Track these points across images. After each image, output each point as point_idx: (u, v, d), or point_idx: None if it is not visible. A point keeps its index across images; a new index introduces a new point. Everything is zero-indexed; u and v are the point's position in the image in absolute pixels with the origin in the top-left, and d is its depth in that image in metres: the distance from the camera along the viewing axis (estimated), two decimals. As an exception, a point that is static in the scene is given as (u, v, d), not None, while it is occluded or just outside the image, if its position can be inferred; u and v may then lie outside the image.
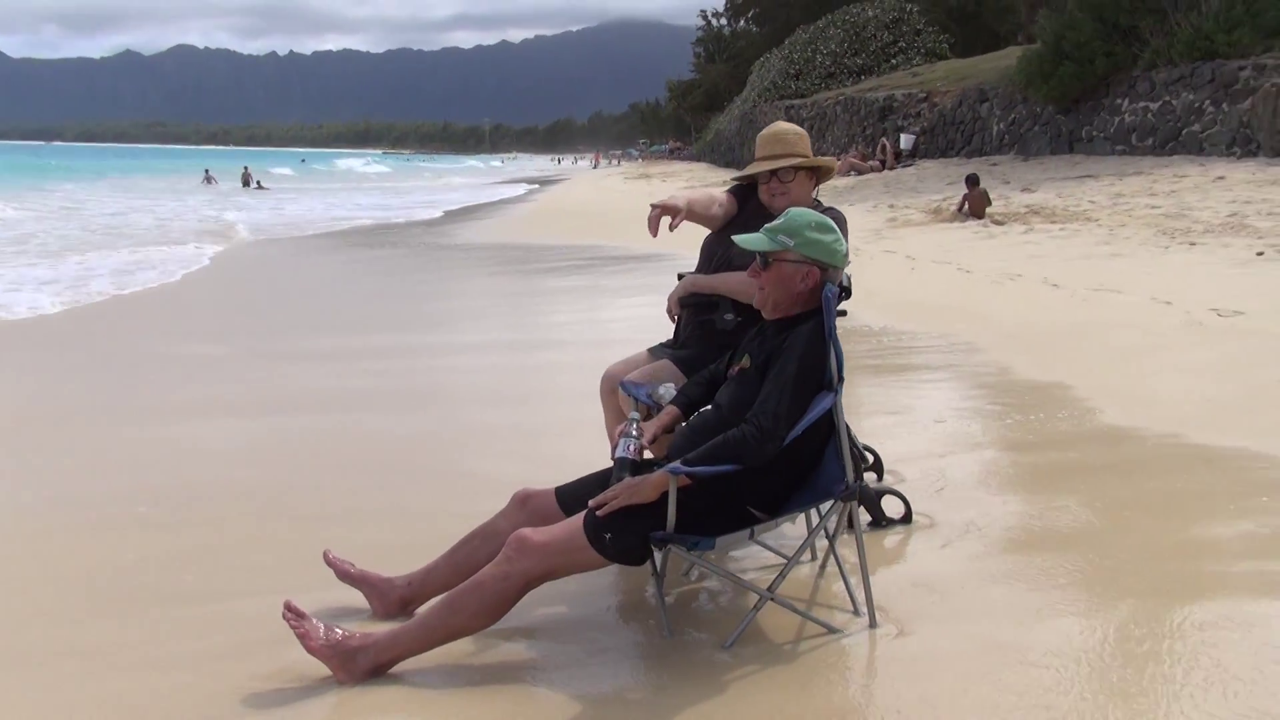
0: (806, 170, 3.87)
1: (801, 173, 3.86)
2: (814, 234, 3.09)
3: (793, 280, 3.08)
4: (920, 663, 2.94)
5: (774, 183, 3.84)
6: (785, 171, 3.82)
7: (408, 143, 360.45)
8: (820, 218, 3.17)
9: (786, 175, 3.82)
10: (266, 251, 17.20)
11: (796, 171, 3.84)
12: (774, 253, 3.08)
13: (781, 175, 3.82)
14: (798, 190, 3.85)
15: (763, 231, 3.15)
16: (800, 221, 3.11)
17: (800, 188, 3.86)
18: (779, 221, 3.15)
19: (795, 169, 3.83)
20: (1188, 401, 5.34)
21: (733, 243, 3.78)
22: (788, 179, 3.82)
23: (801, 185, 3.86)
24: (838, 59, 43.37)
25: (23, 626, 3.38)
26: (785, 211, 3.21)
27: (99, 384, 7.10)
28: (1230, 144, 18.47)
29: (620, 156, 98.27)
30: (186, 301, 11.47)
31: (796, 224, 3.11)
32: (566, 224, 21.42)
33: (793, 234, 3.08)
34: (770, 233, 3.12)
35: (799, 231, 3.08)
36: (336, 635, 2.94)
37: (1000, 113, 25.68)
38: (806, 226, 3.10)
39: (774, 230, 3.12)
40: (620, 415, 3.85)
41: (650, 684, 2.91)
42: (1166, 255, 10.28)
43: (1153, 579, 3.41)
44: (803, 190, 3.88)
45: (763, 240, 3.11)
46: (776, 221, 3.16)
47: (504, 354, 8.18)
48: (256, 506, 4.51)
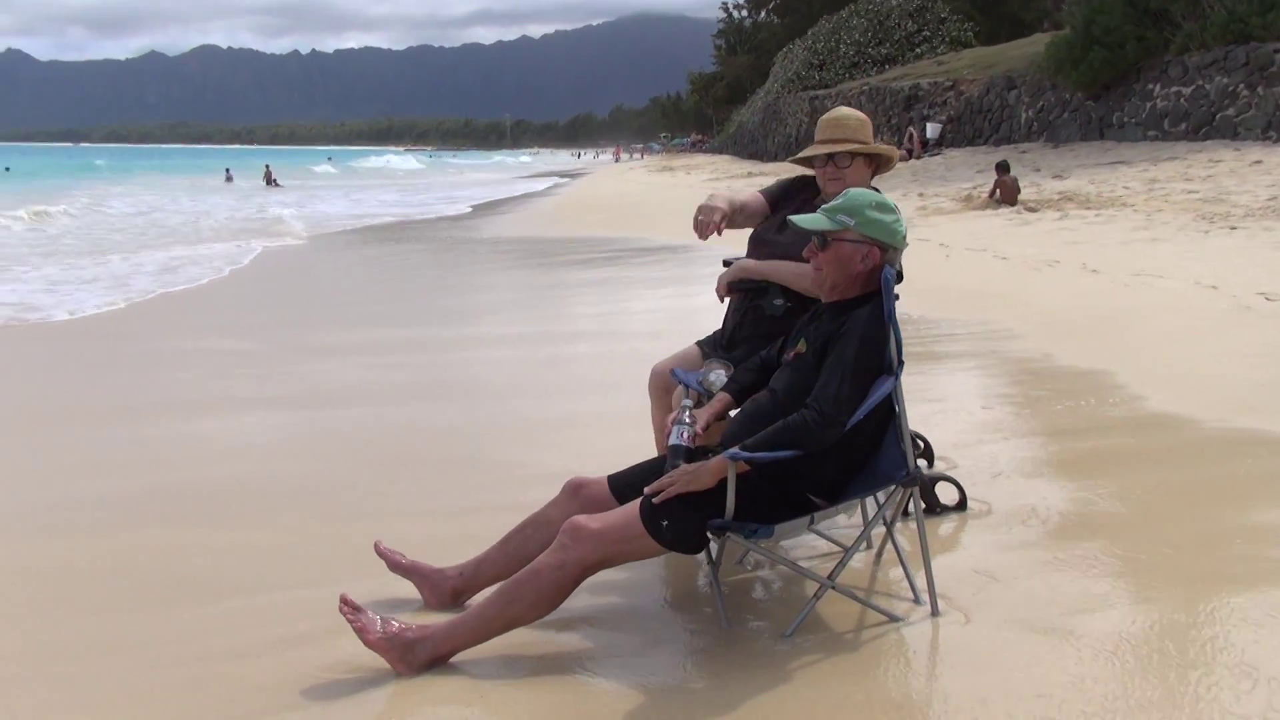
0: (865, 158, 3.76)
1: (859, 160, 3.74)
2: (875, 213, 3.03)
3: (852, 260, 3.01)
4: (984, 652, 2.88)
5: (830, 168, 3.72)
6: (841, 157, 3.71)
7: (429, 139, 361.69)
8: (881, 197, 3.11)
9: (843, 161, 3.71)
10: (300, 249, 17.26)
11: (853, 158, 3.72)
12: (833, 232, 3.02)
13: (838, 160, 3.71)
14: (854, 177, 3.73)
15: (821, 211, 3.09)
16: (861, 201, 3.05)
17: (857, 175, 3.74)
18: (838, 201, 3.09)
19: (852, 155, 3.73)
20: (1240, 387, 5.24)
21: (783, 232, 3.74)
22: (844, 165, 3.71)
23: (858, 173, 3.75)
24: (861, 49, 43.15)
25: (69, 621, 3.37)
26: (844, 192, 3.15)
27: (135, 381, 7.12)
28: (1266, 128, 18.21)
29: (642, 150, 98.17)
30: (229, 297, 11.50)
31: (857, 203, 3.04)
32: (593, 217, 21.39)
33: (853, 213, 3.02)
34: (830, 212, 3.06)
35: (859, 210, 3.02)
36: (394, 628, 2.91)
37: (1029, 100, 25.45)
38: (867, 205, 3.04)
39: (833, 210, 3.06)
40: (669, 410, 3.79)
41: (711, 674, 2.86)
42: (1207, 240, 10.14)
43: (1212, 566, 3.34)
44: (859, 178, 3.76)
45: (822, 220, 3.05)
46: (836, 201, 3.10)
47: (536, 346, 8.15)
48: (297, 500, 4.49)
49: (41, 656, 3.12)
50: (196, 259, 14.91)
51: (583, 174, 54.48)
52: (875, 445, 3.02)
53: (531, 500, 4.26)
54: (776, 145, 44.61)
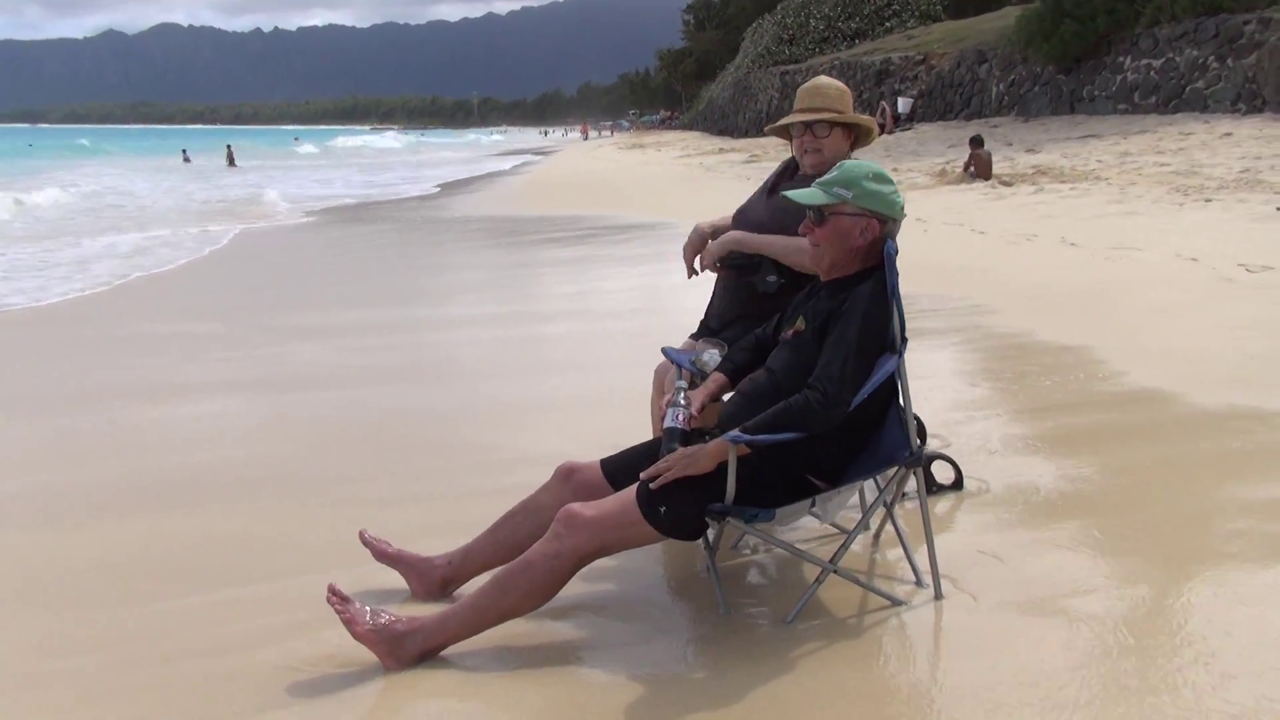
0: (843, 129, 3.67)
1: (838, 130, 3.65)
2: (872, 184, 2.92)
3: (851, 234, 2.91)
4: (988, 635, 2.82)
5: (807, 137, 3.62)
6: (820, 126, 3.61)
7: (396, 118, 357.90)
8: (877, 168, 3.00)
9: (821, 130, 3.61)
10: (269, 232, 16.97)
11: (832, 128, 3.63)
12: (830, 206, 2.92)
13: (816, 130, 3.62)
14: (831, 148, 3.64)
15: (816, 185, 2.99)
16: (857, 172, 2.95)
17: (834, 146, 3.65)
18: (833, 174, 2.98)
19: (830, 124, 3.63)
20: (1228, 360, 5.21)
21: (771, 210, 3.64)
22: (822, 134, 3.61)
23: (836, 143, 3.66)
24: (831, 23, 43.06)
25: (43, 617, 3.25)
26: (838, 164, 3.05)
27: (105, 366, 6.94)
28: (1235, 100, 18.29)
29: (611, 127, 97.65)
30: (199, 281, 11.26)
31: (853, 175, 2.94)
32: (564, 195, 21.20)
33: (849, 185, 2.92)
34: (825, 185, 2.95)
35: (856, 182, 2.92)
36: (383, 619, 2.80)
37: (999, 74, 25.45)
38: (864, 177, 2.93)
39: (829, 183, 2.95)
40: None
41: (711, 663, 2.78)
42: (1182, 212, 10.14)
43: (1211, 543, 3.29)
44: (837, 149, 3.67)
45: (817, 194, 2.95)
46: (830, 174, 2.99)
47: (512, 326, 8.02)
48: (275, 486, 4.37)
49: (16, 655, 2.99)
50: (169, 241, 14.63)
51: (552, 151, 54.09)
52: (877, 425, 2.94)
53: (515, 484, 4.17)
54: (747, 121, 44.47)
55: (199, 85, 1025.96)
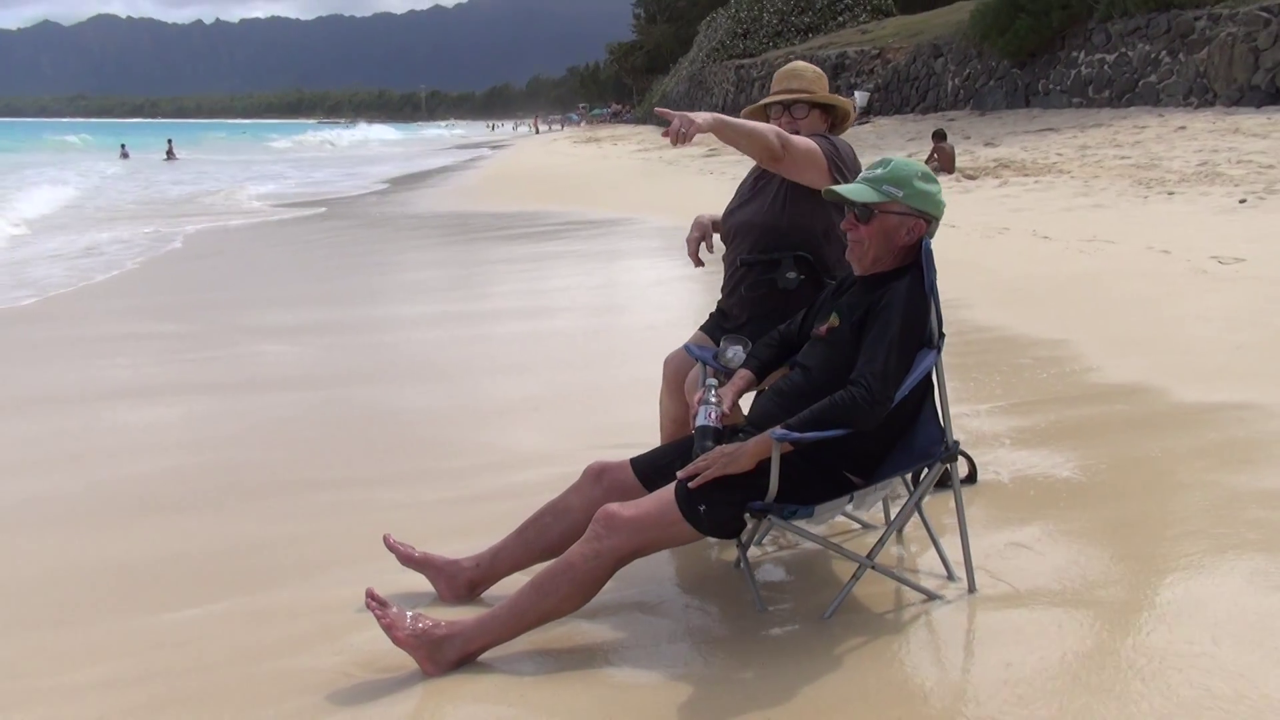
0: (821, 111, 3.69)
1: (815, 112, 3.68)
2: (922, 184, 2.92)
3: (897, 233, 2.91)
4: (1025, 628, 2.83)
5: (785, 118, 3.65)
6: (798, 107, 3.64)
7: (342, 111, 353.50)
8: (924, 167, 3.00)
9: (799, 111, 3.64)
10: (216, 231, 16.67)
11: (810, 109, 3.66)
12: (879, 204, 2.91)
13: (794, 111, 3.64)
14: (809, 129, 3.66)
15: (864, 181, 2.96)
16: (907, 171, 2.94)
17: (812, 127, 3.67)
18: (882, 171, 2.95)
19: (809, 105, 3.65)
20: (1220, 351, 5.30)
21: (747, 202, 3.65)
22: (800, 115, 3.64)
23: (814, 125, 3.68)
24: (785, 17, 43.27)
25: (71, 626, 3.16)
26: (883, 160, 3.03)
27: (78, 368, 6.77)
28: (1187, 94, 18.65)
29: (561, 121, 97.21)
30: (151, 281, 11.03)
31: (904, 173, 2.93)
32: (524, 190, 21.08)
33: (900, 184, 2.91)
34: (874, 182, 2.93)
35: (908, 181, 2.91)
36: (423, 624, 2.76)
37: (955, 68, 25.73)
38: (914, 176, 2.93)
39: (878, 180, 2.93)
40: (683, 402, 3.69)
41: (754, 661, 2.77)
42: (1148, 205, 10.33)
43: (1233, 530, 3.34)
44: (815, 130, 3.68)
45: (867, 191, 2.92)
46: (878, 170, 2.96)
47: (490, 324, 7.94)
48: (278, 491, 4.30)
49: (36, 667, 2.91)
50: (125, 240, 14.28)
51: (505, 145, 53.76)
52: (913, 421, 2.94)
53: (517, 484, 4.16)
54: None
55: (138, 78, 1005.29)
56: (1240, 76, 17.60)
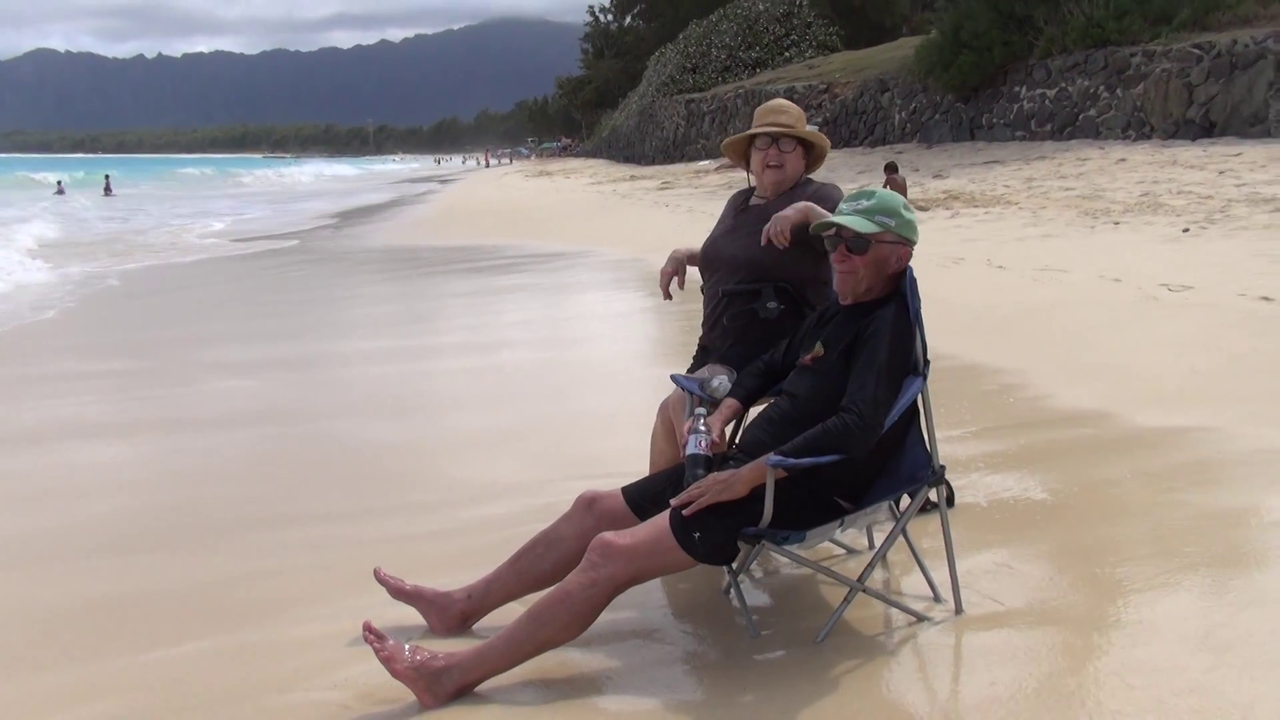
0: (802, 148, 3.79)
1: (799, 149, 3.78)
2: (907, 214, 3.03)
3: (888, 262, 3.00)
4: (1013, 648, 2.90)
5: (772, 151, 3.72)
6: (786, 141, 3.73)
7: (288, 146, 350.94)
8: (902, 198, 3.10)
9: (786, 145, 3.73)
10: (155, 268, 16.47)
11: (796, 145, 3.76)
12: (874, 235, 2.99)
13: (782, 144, 3.73)
14: (793, 164, 3.76)
15: (856, 213, 3.02)
16: (893, 202, 3.04)
17: (795, 164, 3.77)
18: (870, 202, 3.03)
19: (796, 141, 3.75)
20: (1176, 375, 5.46)
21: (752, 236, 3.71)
22: (787, 149, 3.73)
23: (796, 162, 3.78)
24: (732, 52, 43.86)
25: (64, 662, 3.12)
26: (867, 191, 3.11)
27: (36, 404, 6.66)
28: (1125, 127, 19.21)
29: (511, 155, 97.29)
30: (109, 319, 10.87)
31: (891, 205, 3.02)
32: (480, 223, 21.09)
33: (891, 214, 3.00)
34: (867, 214, 3.01)
35: (896, 211, 3.01)
36: (421, 656, 2.76)
37: (901, 102, 26.26)
38: (900, 207, 3.03)
39: (869, 212, 3.01)
40: (672, 433, 3.74)
41: (749, 685, 2.80)
42: (1095, 235, 10.60)
43: (1216, 548, 3.44)
44: (797, 166, 3.78)
45: (863, 223, 2.99)
46: (868, 202, 3.03)
47: (455, 357, 7.94)
48: (256, 525, 4.27)
49: (31, 704, 2.86)
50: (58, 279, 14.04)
51: (454, 179, 53.73)
52: (900, 446, 3.01)
53: (486, 516, 4.18)
54: (653, 149, 44.92)
55: (79, 113, 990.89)
56: (1175, 111, 18.18)
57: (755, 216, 3.73)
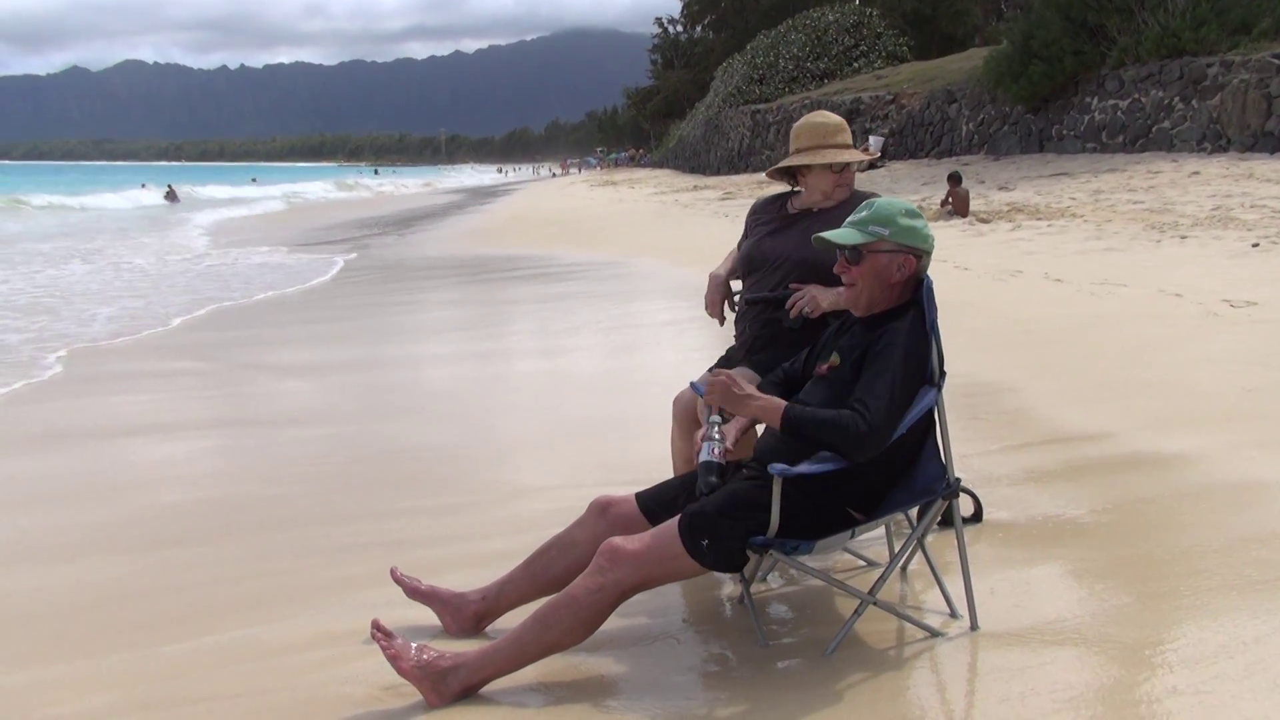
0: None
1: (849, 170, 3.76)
2: (907, 220, 2.98)
3: (889, 271, 2.96)
4: (1029, 667, 2.84)
5: (845, 173, 3.72)
6: (849, 166, 3.73)
7: (363, 155, 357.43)
8: (908, 204, 3.06)
9: (849, 170, 3.73)
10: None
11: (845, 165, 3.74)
12: (866, 245, 2.96)
13: (848, 169, 3.72)
14: (851, 179, 3.77)
15: (850, 226, 3.02)
16: (890, 210, 3.00)
17: (849, 177, 3.77)
18: (865, 213, 3.02)
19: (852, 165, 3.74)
20: (1230, 393, 5.30)
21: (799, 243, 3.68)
22: (848, 173, 3.73)
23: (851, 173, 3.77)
24: (800, 63, 43.58)
25: (70, 655, 3.21)
26: (868, 203, 3.09)
27: (93, 405, 6.88)
28: (1200, 140, 18.70)
29: (579, 164, 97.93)
30: (181, 317, 11.17)
31: (887, 212, 2.99)
32: (542, 231, 21.22)
33: (885, 223, 2.97)
34: (859, 225, 3.00)
35: (892, 219, 2.97)
36: (428, 655, 2.79)
37: (969, 113, 25.89)
38: (898, 214, 2.99)
39: (863, 222, 3.00)
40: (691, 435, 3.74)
41: (756, 696, 2.78)
42: (1160, 249, 10.34)
43: (1241, 571, 3.33)
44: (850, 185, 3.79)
45: (853, 234, 2.99)
46: (861, 214, 3.03)
47: (508, 362, 8.04)
48: (285, 524, 4.37)
49: (38, 695, 2.95)
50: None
51: (513, 190, 54.23)
52: (914, 458, 2.97)
53: (526, 518, 4.21)
54: (719, 159, 44.86)
55: (164, 122, 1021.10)
56: (1253, 123, 17.66)
57: (815, 222, 3.67)
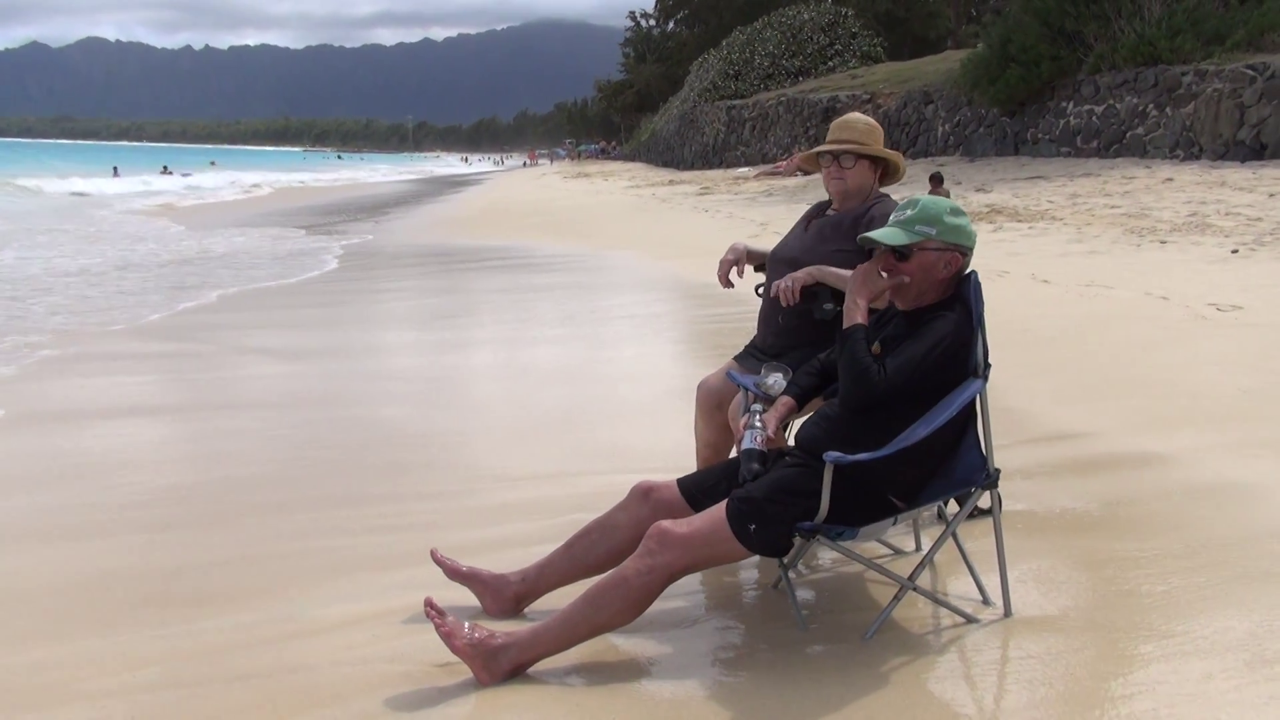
0: (869, 163, 3.84)
1: (864, 163, 3.83)
2: (953, 219, 3.05)
3: (936, 268, 3.03)
4: (1061, 653, 2.91)
5: (834, 167, 3.82)
6: (846, 157, 3.80)
7: (329, 140, 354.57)
8: (953, 203, 3.14)
9: (846, 161, 3.81)
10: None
11: (857, 160, 3.81)
12: (916, 244, 3.03)
13: (842, 160, 3.81)
14: (856, 179, 3.83)
15: (897, 225, 3.08)
16: (936, 209, 3.07)
17: (859, 177, 3.83)
18: (912, 212, 3.08)
19: (856, 156, 3.81)
20: (1227, 394, 5.43)
21: (812, 247, 3.77)
22: (847, 165, 3.81)
23: (862, 175, 3.84)
24: (776, 60, 43.82)
25: (101, 632, 3.22)
26: (911, 201, 3.16)
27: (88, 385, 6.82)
28: (1174, 147, 19.03)
29: (549, 156, 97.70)
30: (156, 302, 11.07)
31: (933, 212, 3.06)
32: (521, 223, 21.19)
33: (932, 222, 3.04)
34: (906, 225, 3.06)
35: (938, 219, 3.04)
36: (479, 634, 2.83)
37: (945, 115, 26.14)
38: (944, 213, 3.06)
39: (910, 221, 3.06)
40: (717, 426, 3.81)
41: (797, 678, 2.84)
42: (1141, 253, 10.53)
43: (1259, 565, 3.44)
44: (863, 180, 3.85)
45: (900, 234, 3.05)
46: (908, 213, 3.09)
47: (494, 351, 8.06)
48: (304, 506, 4.39)
49: (67, 671, 2.97)
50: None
51: (483, 180, 54.03)
52: (954, 448, 3.04)
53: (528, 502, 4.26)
54: (693, 154, 44.96)
55: (125, 101, 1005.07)
56: (1226, 132, 17.99)
57: (826, 224, 3.84)
